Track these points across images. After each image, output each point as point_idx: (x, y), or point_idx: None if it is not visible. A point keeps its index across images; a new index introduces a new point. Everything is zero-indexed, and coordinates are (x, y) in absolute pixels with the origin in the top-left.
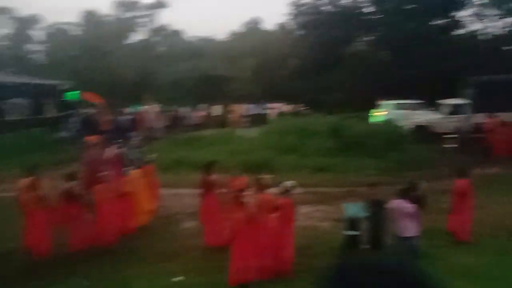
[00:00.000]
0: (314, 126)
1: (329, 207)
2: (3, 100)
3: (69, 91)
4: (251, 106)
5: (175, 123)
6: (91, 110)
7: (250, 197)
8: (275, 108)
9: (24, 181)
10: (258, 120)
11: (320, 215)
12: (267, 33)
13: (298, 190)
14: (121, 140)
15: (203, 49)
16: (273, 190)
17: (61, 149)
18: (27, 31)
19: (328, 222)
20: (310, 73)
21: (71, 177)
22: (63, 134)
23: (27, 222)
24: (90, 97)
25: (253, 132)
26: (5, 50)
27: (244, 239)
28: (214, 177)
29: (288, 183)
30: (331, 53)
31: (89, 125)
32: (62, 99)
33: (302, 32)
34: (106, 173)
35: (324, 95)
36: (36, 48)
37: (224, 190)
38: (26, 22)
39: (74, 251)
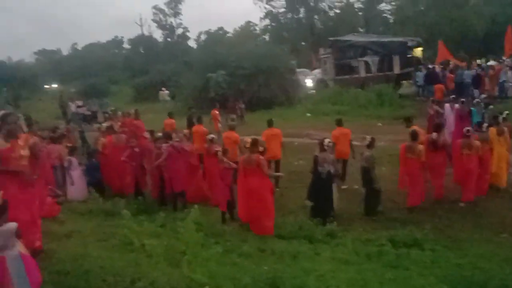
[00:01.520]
0: None
1: None
2: (355, 58)
3: (416, 47)
4: None
5: None
6: (436, 66)
7: None
8: None
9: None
10: None
11: None
12: None
13: None
14: (464, 97)
15: None
16: None
17: (404, 104)
18: None
19: None
20: None
21: (437, 128)
22: (407, 89)
23: (402, 169)
24: (443, 52)
25: None
26: (358, 11)
27: None
28: None
29: None
30: None
31: (432, 81)
32: (409, 55)
33: None
34: (468, 128)
35: None
36: (385, 7)
37: None
38: None
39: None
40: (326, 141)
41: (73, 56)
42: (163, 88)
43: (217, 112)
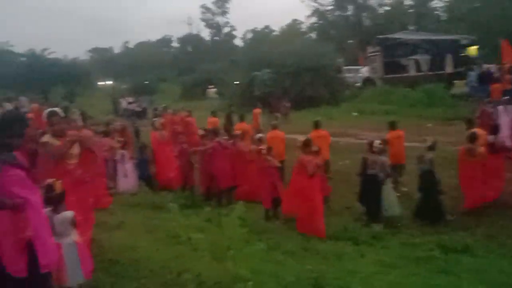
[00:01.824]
0: None
1: None
2: (405, 57)
3: (469, 46)
4: None
5: None
6: (491, 66)
7: None
8: None
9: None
10: None
11: None
12: None
13: None
14: None
15: None
16: None
17: (456, 104)
18: None
19: None
20: None
21: (494, 130)
22: (460, 89)
23: (461, 172)
24: (508, 52)
25: None
26: (409, 9)
27: None
28: None
29: None
30: None
31: (486, 81)
32: (462, 54)
33: None
34: None
35: None
36: (437, 4)
37: None
38: None
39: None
40: (376, 142)
41: (124, 54)
42: (210, 86)
43: (258, 111)
